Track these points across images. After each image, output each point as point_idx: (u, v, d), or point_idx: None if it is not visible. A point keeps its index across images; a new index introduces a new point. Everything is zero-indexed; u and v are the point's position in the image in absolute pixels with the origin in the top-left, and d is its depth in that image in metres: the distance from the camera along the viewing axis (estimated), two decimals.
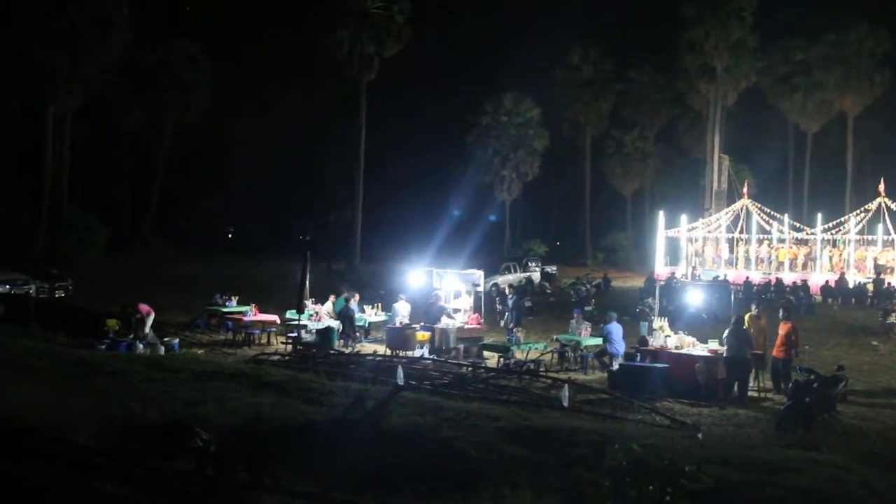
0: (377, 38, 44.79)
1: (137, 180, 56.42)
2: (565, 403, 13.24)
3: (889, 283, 31.84)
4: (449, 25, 60.66)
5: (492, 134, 54.82)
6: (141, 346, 18.80)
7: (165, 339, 19.80)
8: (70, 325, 20.14)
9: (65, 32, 40.45)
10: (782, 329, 15.89)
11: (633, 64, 60.49)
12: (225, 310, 23.31)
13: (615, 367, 16.86)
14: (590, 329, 19.49)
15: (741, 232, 41.80)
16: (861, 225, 37.13)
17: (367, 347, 21.19)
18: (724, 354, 15.39)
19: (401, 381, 14.32)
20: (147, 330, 19.52)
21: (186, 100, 53.73)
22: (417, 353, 19.62)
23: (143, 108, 53.47)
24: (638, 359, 16.49)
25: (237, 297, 24.20)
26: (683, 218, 43.74)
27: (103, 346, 18.45)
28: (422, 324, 20.50)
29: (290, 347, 19.97)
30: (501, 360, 18.69)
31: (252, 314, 22.36)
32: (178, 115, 54.46)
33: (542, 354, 19.23)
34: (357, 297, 23.31)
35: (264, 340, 21.62)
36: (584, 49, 59.15)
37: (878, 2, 50.52)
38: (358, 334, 22.02)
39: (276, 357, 18.58)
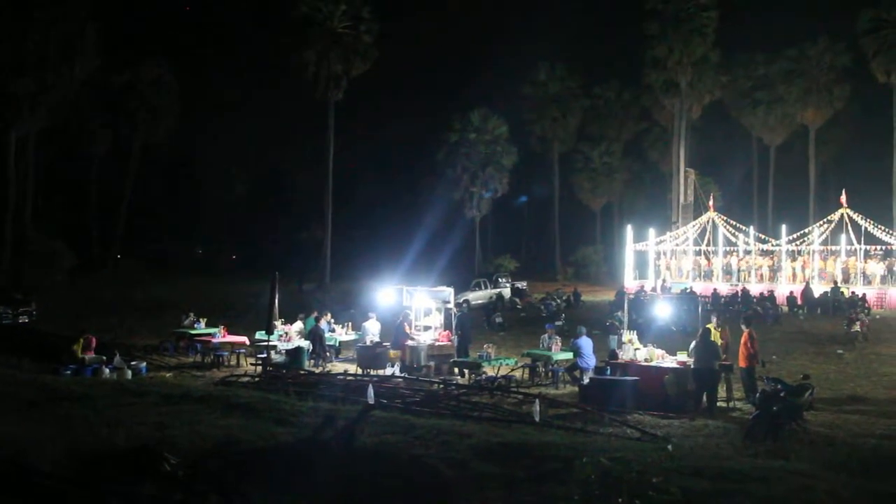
0: (344, 58, 44.90)
1: (105, 202, 55.86)
2: (537, 418, 13.27)
3: (853, 293, 32.36)
4: (416, 44, 61.02)
5: (461, 151, 55.01)
6: (107, 370, 18.54)
7: (133, 362, 19.56)
8: (34, 351, 19.84)
9: (29, 56, 40.10)
10: (742, 338, 16.10)
11: (599, 80, 61.35)
12: (193, 332, 23.08)
13: (586, 380, 16.94)
14: (560, 343, 19.56)
15: (708, 244, 42.28)
16: (824, 236, 37.73)
17: (337, 367, 21.07)
18: (692, 366, 15.54)
19: (371, 400, 14.25)
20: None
21: (154, 121, 53.46)
22: (388, 371, 19.58)
23: (111, 130, 53.10)
24: (608, 372, 16.59)
25: (205, 319, 23.98)
26: (651, 231, 44.16)
27: (68, 372, 18.19)
28: (389, 343, 20.49)
29: (259, 369, 19.82)
30: (472, 376, 18.69)
31: (221, 336, 22.16)
32: (146, 137, 54.13)
33: (512, 370, 19.27)
34: (328, 316, 23.24)
35: (233, 362, 21.43)
36: (551, 65, 59.78)
37: (836, 17, 51.68)
38: (328, 354, 21.91)
39: (245, 379, 18.41)
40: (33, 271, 39.44)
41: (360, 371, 19.86)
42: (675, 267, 43.10)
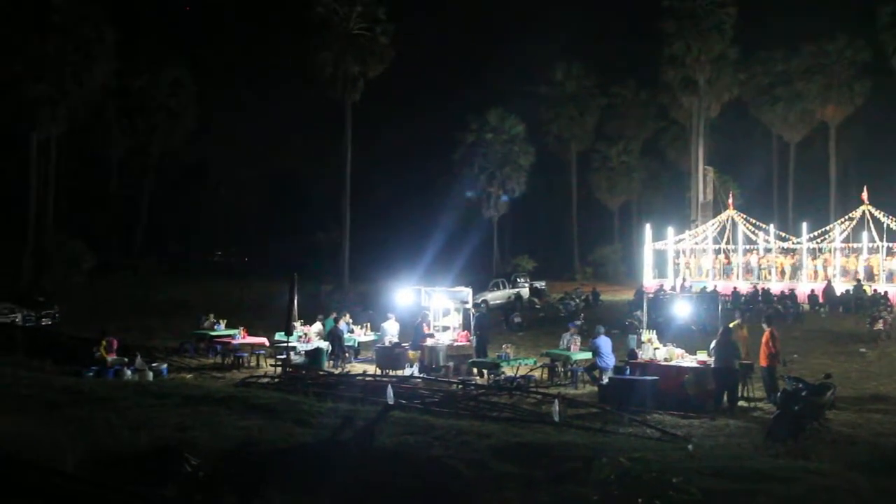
0: (361, 59, 44.98)
1: (125, 205, 56.34)
2: (556, 418, 13.24)
3: (876, 290, 32.04)
4: (433, 44, 61.08)
5: (478, 151, 54.99)
6: (129, 372, 18.69)
7: (154, 364, 19.70)
8: (57, 353, 20.04)
9: (48, 60, 40.50)
10: (763, 337, 15.97)
11: (616, 79, 61.08)
12: (213, 333, 23.24)
13: (605, 380, 16.89)
14: (579, 343, 19.51)
15: (727, 243, 42.00)
16: (846, 233, 37.38)
17: (356, 368, 21.14)
18: (713, 365, 15.45)
19: (391, 401, 14.28)
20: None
21: (172, 124, 53.82)
22: (407, 371, 19.61)
23: (130, 133, 53.52)
24: (627, 372, 16.52)
25: (225, 321, 24.12)
26: (670, 230, 43.91)
27: (91, 374, 18.35)
28: (407, 344, 20.53)
29: (279, 370, 19.90)
30: (491, 376, 18.67)
31: (241, 337, 22.29)
32: (164, 140, 54.52)
33: (531, 370, 19.24)
34: (347, 317, 23.31)
35: (253, 363, 21.54)
36: (568, 65, 59.60)
37: (856, 12, 51.17)
38: (347, 354, 21.97)
39: (265, 380, 18.50)
40: (53, 273, 39.81)
41: (378, 371, 19.91)
42: (695, 266, 42.85)
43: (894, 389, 17.17)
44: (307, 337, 21.66)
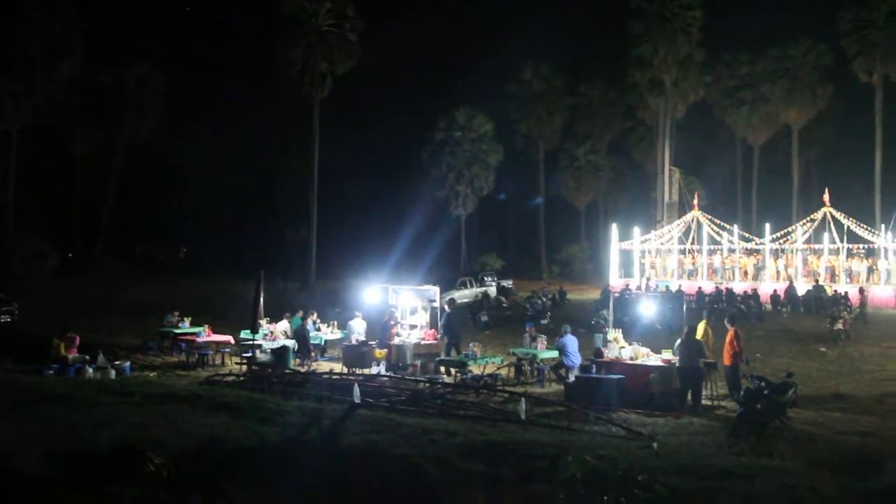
0: (329, 56, 44.84)
1: (89, 202, 55.42)
2: (522, 417, 13.29)
3: (836, 290, 32.60)
4: (402, 42, 60.82)
5: (446, 150, 55.04)
6: (91, 370, 18.42)
7: (116, 362, 19.43)
8: (17, 351, 19.68)
9: (13, 57, 39.74)
10: (727, 336, 16.17)
11: (584, 79, 61.44)
12: (178, 331, 22.97)
13: (571, 379, 16.97)
14: (545, 342, 19.59)
15: (692, 243, 42.48)
16: (808, 234, 38.00)
17: (323, 366, 21.02)
18: (677, 364, 15.61)
19: (357, 399, 14.24)
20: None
21: (139, 121, 53.06)
22: (374, 370, 19.54)
23: (96, 129, 52.67)
24: (593, 370, 16.61)
25: (190, 318, 23.86)
26: (636, 230, 44.31)
27: (51, 372, 18.06)
28: (376, 342, 20.46)
29: (244, 368, 19.74)
30: (458, 374, 18.69)
31: (206, 335, 22.05)
32: (130, 136, 53.77)
33: (498, 369, 19.29)
34: (314, 315, 23.18)
35: (218, 361, 21.34)
36: (536, 64, 59.86)
37: (820, 16, 51.97)
38: (314, 353, 21.85)
39: (230, 378, 18.33)
40: (16, 271, 39.08)
41: (345, 370, 19.82)
42: (660, 265, 43.31)
43: (854, 388, 17.47)
44: (273, 335, 21.50)
